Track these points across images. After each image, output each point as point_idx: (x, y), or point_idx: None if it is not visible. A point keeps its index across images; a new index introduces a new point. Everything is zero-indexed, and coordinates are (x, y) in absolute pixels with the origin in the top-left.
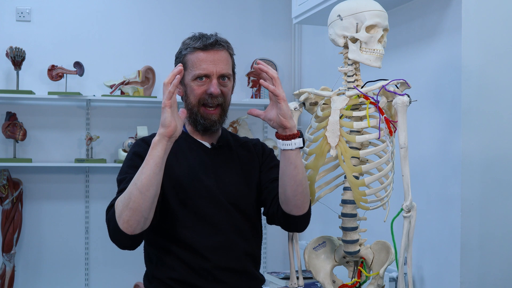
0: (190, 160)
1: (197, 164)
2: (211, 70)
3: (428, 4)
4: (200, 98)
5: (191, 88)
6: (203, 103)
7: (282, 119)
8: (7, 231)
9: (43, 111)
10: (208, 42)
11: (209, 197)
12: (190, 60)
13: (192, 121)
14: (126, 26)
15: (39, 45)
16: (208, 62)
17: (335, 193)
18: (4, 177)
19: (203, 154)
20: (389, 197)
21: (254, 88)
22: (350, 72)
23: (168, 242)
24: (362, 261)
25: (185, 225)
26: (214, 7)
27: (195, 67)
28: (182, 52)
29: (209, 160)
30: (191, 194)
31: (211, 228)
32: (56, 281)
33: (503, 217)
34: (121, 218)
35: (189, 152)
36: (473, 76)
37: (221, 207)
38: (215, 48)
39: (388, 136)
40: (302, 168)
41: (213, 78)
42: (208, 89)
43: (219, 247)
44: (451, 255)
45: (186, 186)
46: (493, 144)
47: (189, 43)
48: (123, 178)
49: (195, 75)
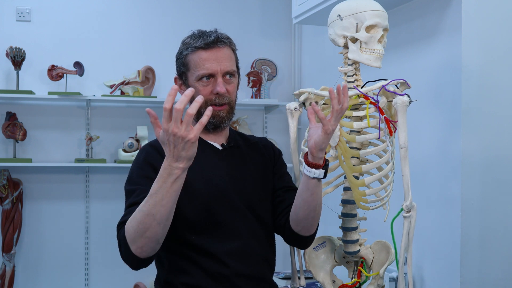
0: (202, 163)
1: (211, 167)
2: (215, 69)
3: (428, 4)
4: (207, 99)
5: (197, 89)
6: (210, 104)
7: (314, 145)
8: (7, 231)
9: (43, 111)
10: (209, 40)
11: (225, 201)
12: (193, 60)
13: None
14: (126, 26)
15: (39, 45)
16: (211, 61)
17: (335, 193)
18: (4, 177)
19: (215, 156)
20: (389, 197)
21: (254, 88)
22: (350, 72)
23: (183, 246)
24: (362, 261)
25: (200, 230)
26: (214, 7)
27: (198, 67)
28: (183, 53)
29: (221, 162)
30: (207, 199)
31: (228, 233)
32: (56, 281)
33: (503, 217)
34: (135, 244)
35: (201, 154)
36: (473, 76)
37: (238, 211)
38: (217, 45)
39: (388, 136)
40: (319, 196)
41: (218, 77)
42: (214, 89)
43: (237, 253)
44: (451, 255)
45: (201, 191)
46: (493, 144)
47: (190, 42)
48: (133, 190)
49: (199, 76)
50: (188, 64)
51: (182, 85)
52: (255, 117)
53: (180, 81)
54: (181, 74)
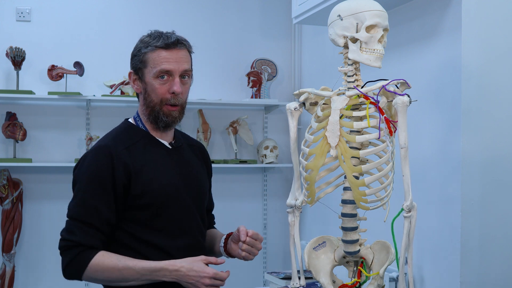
0: (156, 162)
1: (164, 165)
2: (174, 68)
3: (428, 4)
4: (163, 97)
5: (153, 87)
6: (165, 103)
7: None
8: (7, 231)
9: (43, 111)
10: (170, 41)
11: (179, 199)
12: (152, 58)
13: (153, 119)
14: (126, 26)
15: (39, 45)
16: (170, 60)
17: (335, 193)
18: (4, 177)
19: (166, 155)
20: (389, 197)
21: (254, 88)
22: (350, 72)
23: (135, 242)
24: (362, 261)
25: (154, 227)
26: (214, 7)
27: (157, 65)
28: (141, 50)
29: (172, 161)
30: (163, 199)
31: (180, 230)
32: (56, 281)
33: (503, 217)
34: (89, 278)
35: (154, 153)
36: (473, 76)
37: (189, 209)
38: (177, 47)
39: (388, 136)
40: None
41: (176, 77)
42: (171, 88)
43: (188, 248)
44: (451, 255)
45: (158, 191)
46: (493, 144)
47: (149, 41)
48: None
49: (157, 72)
50: (146, 61)
51: (136, 81)
52: (255, 117)
53: (135, 76)
54: (138, 70)
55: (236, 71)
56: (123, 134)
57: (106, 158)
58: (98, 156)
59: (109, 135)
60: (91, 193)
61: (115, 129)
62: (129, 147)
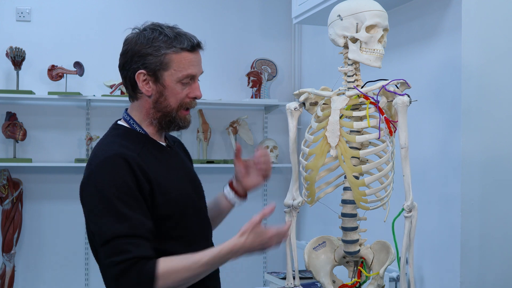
0: (167, 167)
1: (172, 169)
2: (197, 72)
3: (428, 4)
4: (182, 102)
5: (174, 91)
6: (185, 107)
7: (251, 187)
8: (7, 231)
9: (43, 111)
10: (194, 43)
11: (193, 205)
12: (176, 60)
13: (165, 123)
14: (126, 26)
15: (39, 45)
16: (195, 64)
17: (335, 193)
18: (4, 177)
19: (169, 158)
20: (389, 197)
21: (254, 88)
22: (350, 72)
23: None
24: (362, 261)
25: (172, 236)
26: (214, 7)
27: (183, 69)
28: (161, 51)
29: (175, 163)
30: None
31: (195, 236)
32: (56, 281)
33: (503, 217)
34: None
35: (161, 158)
36: (473, 76)
37: (200, 213)
38: (199, 49)
39: (388, 136)
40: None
41: (196, 81)
42: (191, 92)
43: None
44: (451, 255)
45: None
46: (493, 144)
47: (169, 41)
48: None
49: (182, 77)
50: (168, 63)
51: (149, 82)
52: (255, 117)
53: (148, 78)
54: (155, 71)
55: (236, 71)
56: (126, 139)
57: (125, 166)
58: (116, 167)
59: (110, 143)
60: (125, 206)
61: (110, 135)
62: (139, 153)
